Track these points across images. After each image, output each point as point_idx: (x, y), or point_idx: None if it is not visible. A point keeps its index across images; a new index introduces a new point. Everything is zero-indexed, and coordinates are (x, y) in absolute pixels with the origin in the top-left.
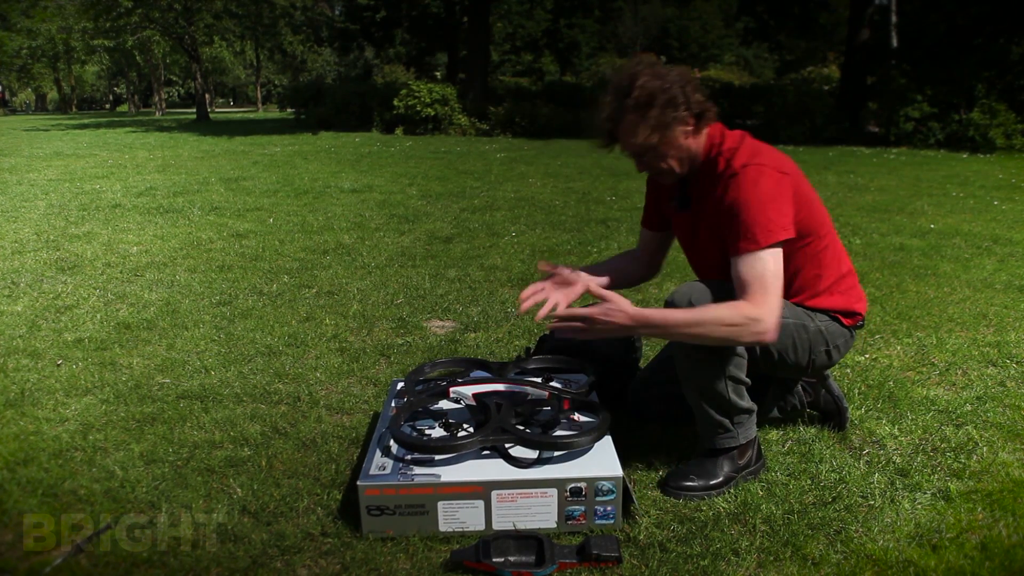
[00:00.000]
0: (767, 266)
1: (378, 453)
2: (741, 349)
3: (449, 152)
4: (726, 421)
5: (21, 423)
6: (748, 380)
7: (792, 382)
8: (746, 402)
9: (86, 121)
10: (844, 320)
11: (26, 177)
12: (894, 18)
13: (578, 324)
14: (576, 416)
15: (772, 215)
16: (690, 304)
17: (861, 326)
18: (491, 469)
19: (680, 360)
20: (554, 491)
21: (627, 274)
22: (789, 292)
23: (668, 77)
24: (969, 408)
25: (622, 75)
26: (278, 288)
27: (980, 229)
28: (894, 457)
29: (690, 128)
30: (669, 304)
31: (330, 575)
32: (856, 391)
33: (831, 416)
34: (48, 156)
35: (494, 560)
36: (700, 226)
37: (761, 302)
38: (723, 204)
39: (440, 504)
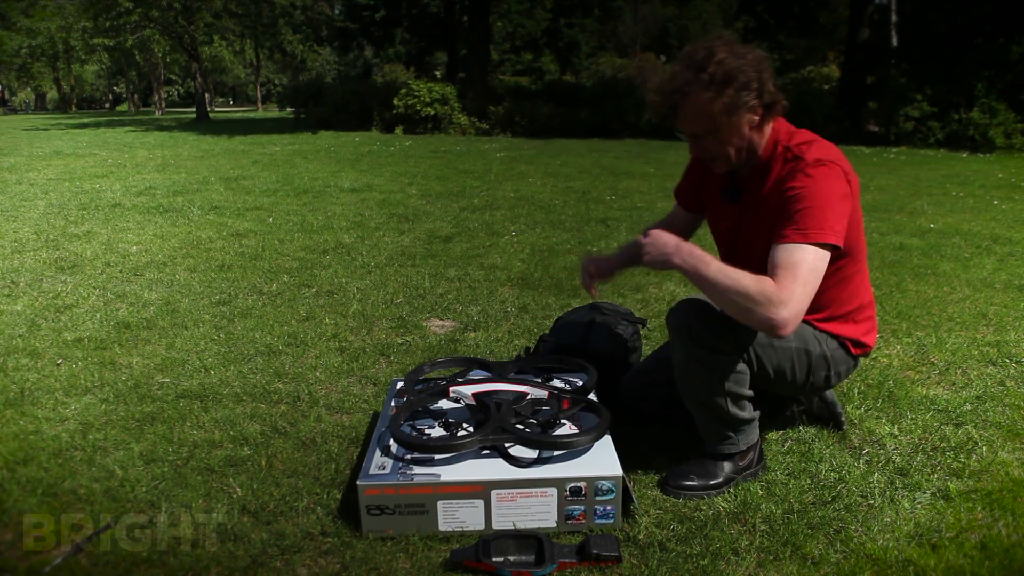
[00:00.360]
0: (806, 259)
1: (378, 452)
2: (742, 366)
3: (449, 151)
4: (728, 432)
5: (21, 423)
6: (750, 393)
7: (789, 398)
8: (747, 413)
9: (86, 120)
10: (852, 349)
11: (26, 176)
12: (894, 18)
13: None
14: (576, 415)
15: (831, 216)
16: (694, 320)
17: (867, 355)
18: (491, 469)
19: (680, 375)
20: (554, 491)
21: None
22: (818, 303)
23: (746, 58)
24: (969, 408)
25: (697, 47)
26: (278, 287)
27: (980, 228)
28: (894, 457)
29: (757, 118)
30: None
31: (330, 575)
32: (856, 391)
33: (825, 420)
34: (48, 155)
35: (494, 560)
36: (747, 221)
37: (787, 288)
38: (784, 192)
39: (440, 503)
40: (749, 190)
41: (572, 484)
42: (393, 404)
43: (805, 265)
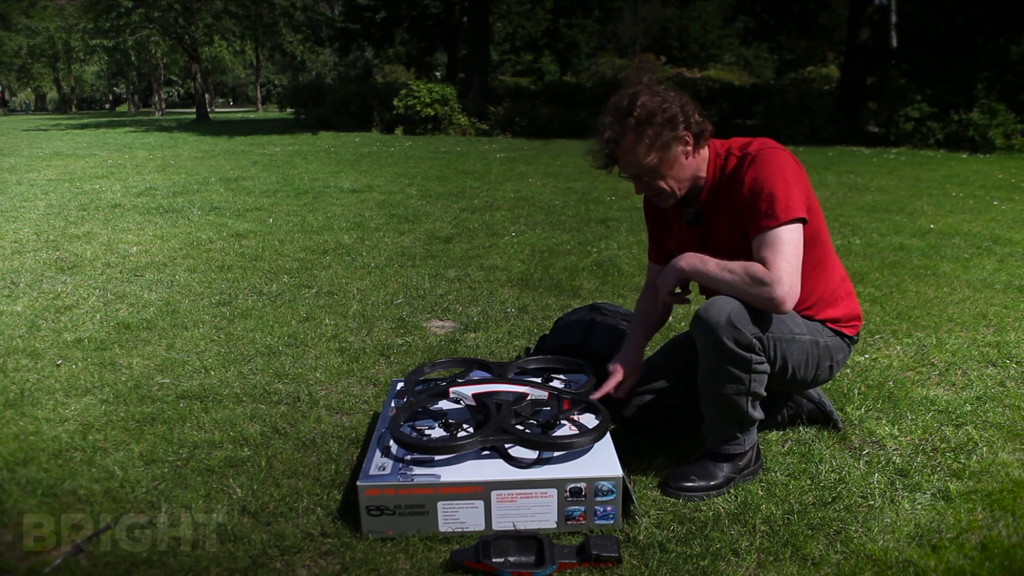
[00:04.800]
0: (784, 238)
1: (378, 453)
2: (766, 366)
3: (449, 152)
4: (737, 432)
5: (21, 423)
6: (764, 393)
7: (783, 396)
8: (759, 414)
9: (86, 121)
10: (846, 329)
11: (26, 177)
12: (894, 18)
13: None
14: (576, 416)
15: (792, 192)
16: (728, 318)
17: (856, 340)
18: (491, 469)
19: (705, 375)
20: (554, 491)
21: (654, 319)
22: (802, 293)
23: (667, 96)
24: (969, 408)
25: (621, 95)
26: (278, 288)
27: (980, 229)
28: (894, 457)
29: (689, 148)
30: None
31: (330, 575)
32: (856, 391)
33: (821, 422)
34: (48, 156)
35: (494, 560)
36: (710, 238)
37: (776, 267)
38: (744, 188)
39: (440, 504)
40: (708, 209)
41: (572, 485)
42: (393, 405)
43: (785, 243)
